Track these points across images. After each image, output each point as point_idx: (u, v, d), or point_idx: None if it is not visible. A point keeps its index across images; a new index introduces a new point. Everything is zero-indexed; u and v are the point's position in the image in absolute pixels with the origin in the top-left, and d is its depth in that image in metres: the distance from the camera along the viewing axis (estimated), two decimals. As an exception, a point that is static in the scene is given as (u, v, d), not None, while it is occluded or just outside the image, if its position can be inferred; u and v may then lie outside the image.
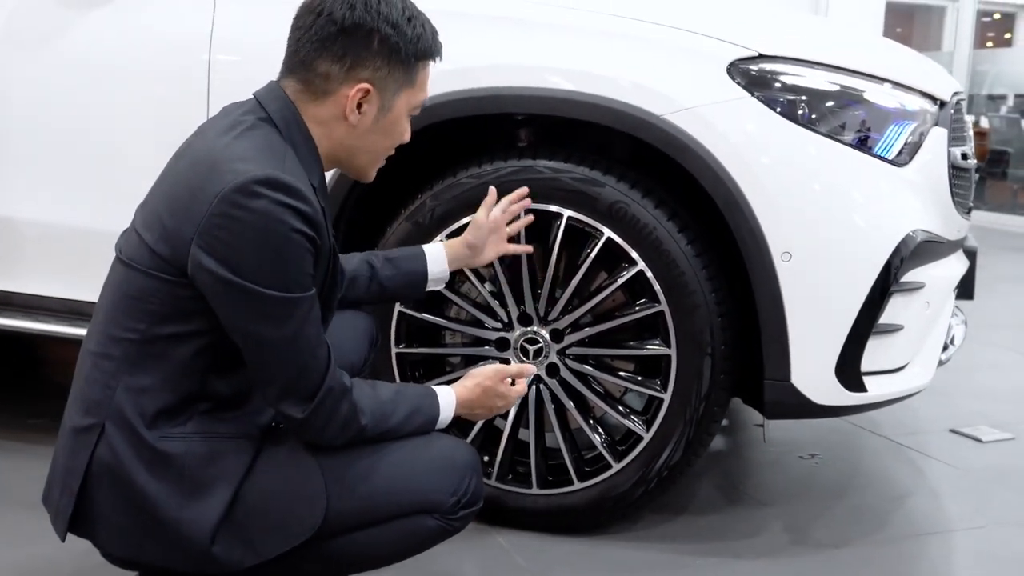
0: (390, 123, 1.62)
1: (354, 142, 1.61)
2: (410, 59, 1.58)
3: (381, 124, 1.61)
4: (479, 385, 1.76)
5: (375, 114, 1.59)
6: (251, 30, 2.30)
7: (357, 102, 1.56)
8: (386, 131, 1.63)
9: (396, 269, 1.98)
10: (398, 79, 1.58)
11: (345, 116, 1.57)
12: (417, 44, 1.58)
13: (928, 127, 2.22)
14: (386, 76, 1.57)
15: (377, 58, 1.55)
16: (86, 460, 1.53)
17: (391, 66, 1.56)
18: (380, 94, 1.58)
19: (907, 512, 2.58)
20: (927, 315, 2.30)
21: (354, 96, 1.56)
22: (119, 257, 1.59)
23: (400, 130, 1.65)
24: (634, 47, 2.14)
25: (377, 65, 1.55)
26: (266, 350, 1.49)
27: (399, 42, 1.55)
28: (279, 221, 1.44)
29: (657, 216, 2.12)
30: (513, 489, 2.27)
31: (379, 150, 1.66)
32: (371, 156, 1.66)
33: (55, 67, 2.41)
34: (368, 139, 1.62)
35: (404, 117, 1.64)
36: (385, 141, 1.65)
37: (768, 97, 2.09)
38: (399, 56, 1.56)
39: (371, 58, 1.55)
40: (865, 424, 3.17)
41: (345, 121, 1.58)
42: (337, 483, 1.57)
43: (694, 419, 2.17)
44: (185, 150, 1.60)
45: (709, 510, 2.52)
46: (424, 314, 2.25)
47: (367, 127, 1.60)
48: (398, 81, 1.58)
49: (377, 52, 1.55)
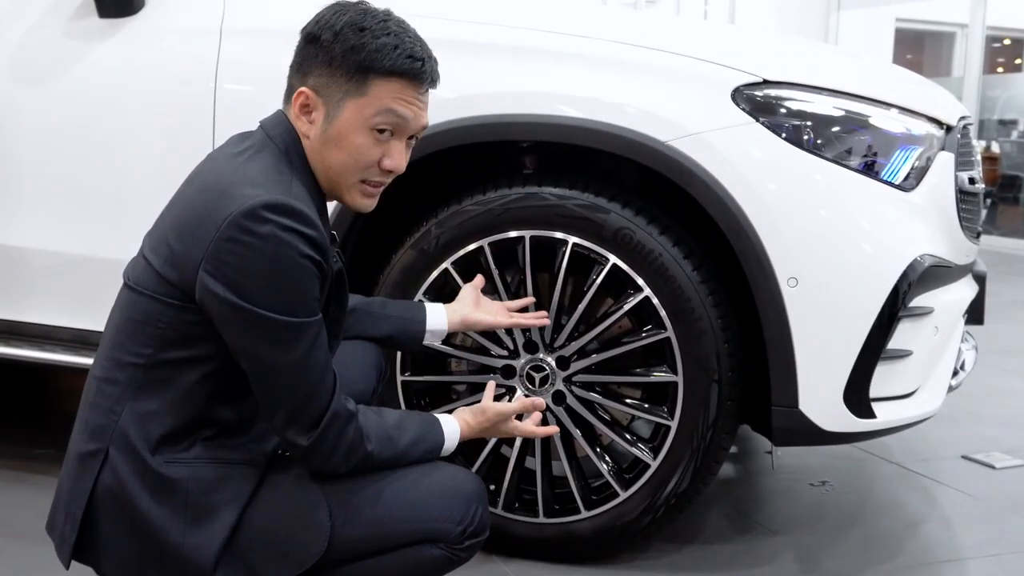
0: (338, 133, 1.56)
1: (318, 156, 1.58)
2: (351, 67, 1.54)
3: (329, 133, 1.56)
4: (482, 427, 1.77)
5: (321, 122, 1.57)
6: (256, 60, 2.31)
7: (300, 105, 1.57)
8: (338, 142, 1.56)
9: (395, 312, 1.99)
10: (341, 87, 1.55)
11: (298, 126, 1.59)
12: (359, 52, 1.54)
13: (935, 152, 2.21)
14: (327, 83, 1.55)
15: (320, 65, 1.56)
16: (90, 486, 1.53)
17: (331, 72, 1.55)
18: (324, 101, 1.56)
19: (920, 540, 2.55)
20: (936, 340, 2.28)
21: (296, 99, 1.57)
22: (126, 283, 1.60)
23: (358, 145, 1.57)
24: (638, 74, 2.14)
25: (319, 72, 1.56)
26: (272, 375, 1.49)
27: (336, 47, 1.54)
28: (287, 246, 1.44)
29: (663, 242, 2.11)
30: (519, 518, 2.25)
31: (340, 167, 1.58)
32: (337, 174, 1.59)
33: (61, 98, 2.43)
34: (325, 152, 1.58)
35: (360, 131, 1.57)
36: (342, 155, 1.57)
37: (773, 123, 2.09)
38: (337, 62, 1.54)
39: (316, 65, 1.56)
40: (876, 451, 3.14)
41: (300, 133, 1.58)
42: (342, 511, 1.56)
43: (701, 446, 2.15)
44: (195, 176, 1.61)
45: (718, 539, 2.49)
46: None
47: (318, 136, 1.57)
48: (342, 89, 1.55)
49: (320, 60, 1.56)
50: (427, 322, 1.99)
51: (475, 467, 2.22)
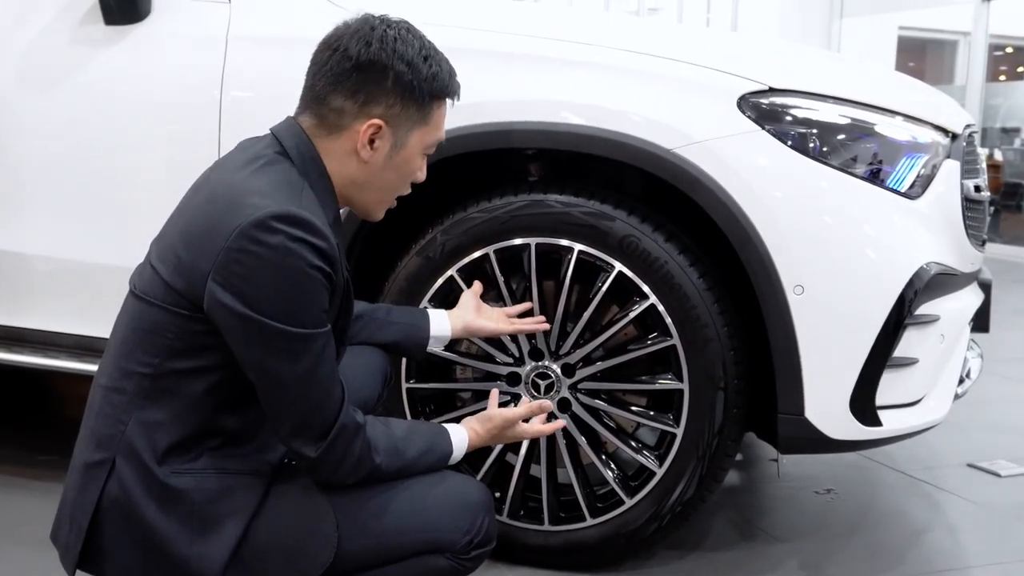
0: (402, 160, 1.62)
1: (366, 178, 1.62)
2: (424, 97, 1.58)
3: (394, 161, 1.61)
4: (490, 434, 1.79)
5: (387, 151, 1.59)
6: (262, 68, 2.31)
7: (369, 138, 1.57)
8: (398, 168, 1.63)
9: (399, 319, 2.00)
10: (411, 117, 1.59)
11: (357, 152, 1.58)
12: (432, 83, 1.58)
13: (940, 160, 2.21)
14: (399, 113, 1.57)
15: (390, 95, 1.56)
16: (96, 495, 1.52)
17: (404, 104, 1.57)
18: (393, 131, 1.58)
19: (924, 549, 2.54)
20: (942, 348, 2.28)
21: (366, 132, 1.56)
22: (133, 291, 1.59)
23: (413, 168, 1.65)
24: (644, 82, 2.14)
25: (390, 102, 1.56)
26: (280, 387, 1.49)
27: (413, 80, 1.56)
28: (296, 257, 1.44)
29: (668, 250, 2.11)
30: (524, 525, 2.25)
31: (390, 188, 1.66)
32: (382, 194, 1.67)
33: (66, 104, 2.42)
34: (380, 176, 1.62)
35: (418, 156, 1.64)
36: (397, 179, 1.65)
37: (779, 130, 2.09)
38: (412, 94, 1.57)
39: (384, 95, 1.56)
40: (881, 459, 3.14)
41: (357, 157, 1.58)
42: (349, 521, 1.56)
43: (707, 454, 2.15)
44: (202, 184, 1.61)
45: (723, 546, 2.49)
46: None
47: (379, 164, 1.60)
48: (411, 119, 1.59)
49: (391, 89, 1.56)
50: (431, 328, 1.99)
51: (480, 474, 2.22)
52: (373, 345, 1.97)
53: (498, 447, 2.22)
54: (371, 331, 1.96)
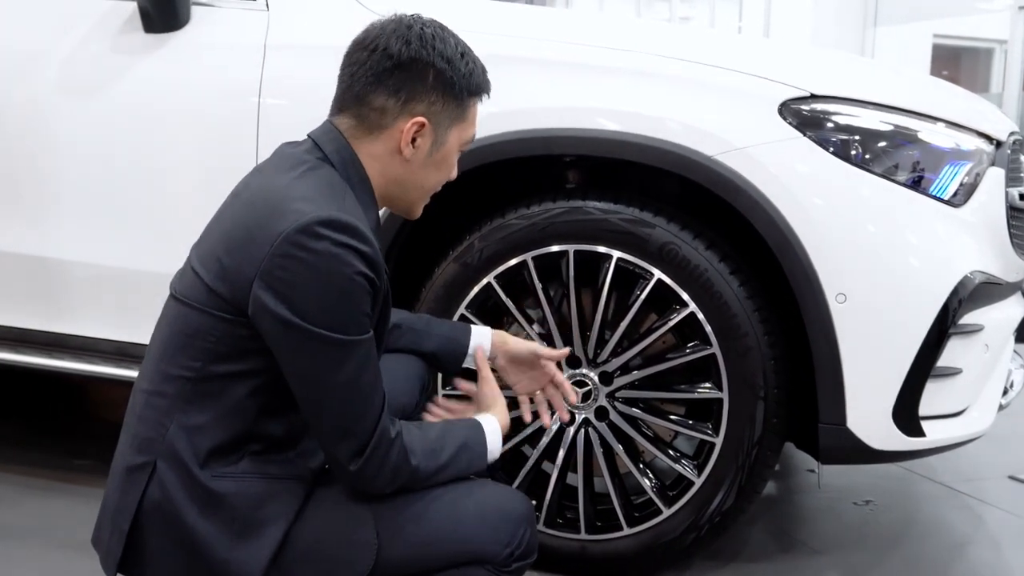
0: (442, 157, 1.63)
1: (408, 177, 1.62)
2: (463, 94, 1.60)
3: (434, 158, 1.62)
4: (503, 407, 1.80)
5: (428, 148, 1.60)
6: (300, 75, 2.31)
7: (412, 136, 1.57)
8: (438, 165, 1.64)
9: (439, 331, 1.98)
10: (451, 114, 1.60)
11: (400, 150, 1.58)
12: (469, 79, 1.60)
13: (984, 167, 2.18)
14: (440, 111, 1.58)
15: (432, 92, 1.57)
16: (137, 499, 1.52)
17: (445, 100, 1.58)
18: (434, 128, 1.59)
19: (967, 562, 2.50)
20: (986, 358, 2.25)
21: (409, 130, 1.57)
22: (174, 295, 1.60)
23: (450, 164, 1.67)
24: (684, 88, 2.13)
25: (432, 99, 1.57)
26: (321, 392, 1.48)
27: (453, 77, 1.57)
28: (342, 263, 1.44)
29: (708, 258, 2.09)
30: (561, 534, 2.23)
31: (430, 185, 1.67)
32: (422, 191, 1.68)
33: (106, 111, 2.43)
34: (420, 174, 1.63)
35: (455, 152, 1.66)
36: (436, 176, 1.66)
37: (821, 137, 2.06)
38: (453, 91, 1.58)
39: (426, 92, 1.56)
40: (921, 470, 3.09)
41: (399, 155, 1.59)
42: (389, 530, 1.55)
43: (746, 464, 2.12)
44: (243, 189, 1.61)
45: (762, 557, 2.46)
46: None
47: (420, 161, 1.61)
48: (451, 116, 1.60)
49: (432, 87, 1.56)
50: (471, 344, 1.97)
51: (516, 483, 2.21)
52: (411, 353, 1.96)
53: (534, 456, 2.20)
54: (409, 340, 1.95)
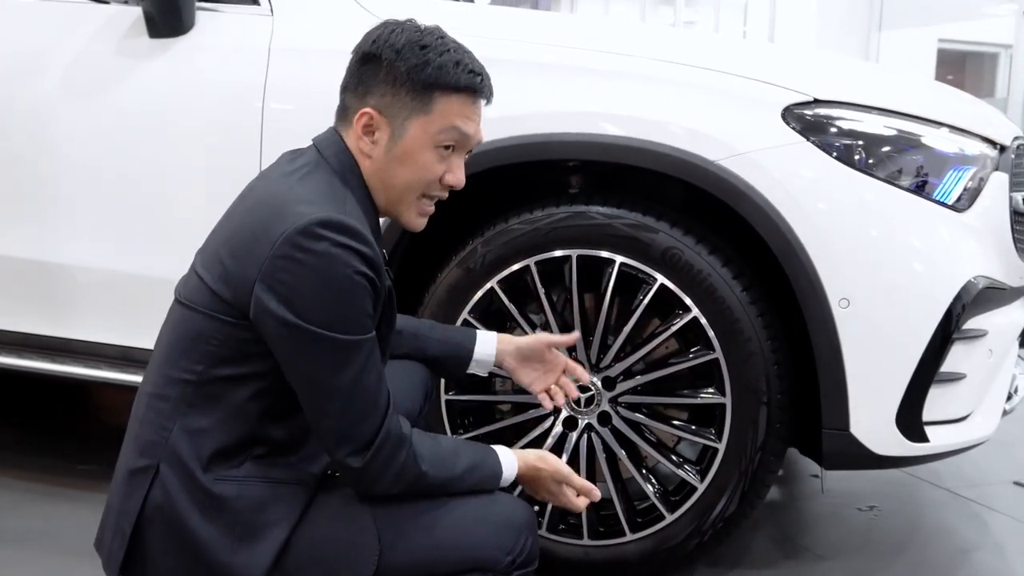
0: (405, 152, 1.58)
1: (375, 173, 1.60)
2: (416, 85, 1.55)
3: (395, 153, 1.58)
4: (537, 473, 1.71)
5: (386, 142, 1.58)
6: (305, 79, 2.32)
7: (363, 128, 1.58)
8: (403, 160, 1.58)
9: (443, 336, 1.98)
10: (407, 105, 1.56)
11: (358, 145, 1.59)
12: (424, 70, 1.55)
13: (988, 172, 2.18)
14: (391, 102, 1.57)
15: (383, 84, 1.57)
16: (140, 502, 1.52)
17: (395, 91, 1.56)
18: (389, 120, 1.57)
19: (971, 568, 2.50)
20: (990, 363, 2.24)
21: (358, 120, 1.57)
22: (178, 299, 1.60)
23: (424, 162, 1.59)
24: (687, 92, 2.13)
25: (383, 91, 1.57)
26: (324, 395, 1.48)
27: (400, 66, 1.55)
28: (341, 263, 1.44)
29: (711, 262, 2.09)
30: (563, 540, 2.23)
31: (405, 185, 1.60)
32: (396, 192, 1.61)
33: (110, 116, 2.44)
34: (386, 171, 1.59)
35: (427, 148, 1.59)
36: (410, 175, 1.59)
37: (824, 142, 2.06)
38: (401, 81, 1.56)
39: (377, 84, 1.57)
40: (925, 476, 3.09)
41: (361, 152, 1.59)
42: (391, 535, 1.55)
43: (749, 469, 2.12)
44: (247, 193, 1.62)
45: (764, 563, 2.45)
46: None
47: (382, 156, 1.59)
48: (408, 108, 1.56)
49: (383, 79, 1.57)
50: (475, 350, 1.97)
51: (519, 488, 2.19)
52: (415, 359, 1.96)
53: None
54: (412, 345, 1.95)
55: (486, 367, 1.98)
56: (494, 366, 1.98)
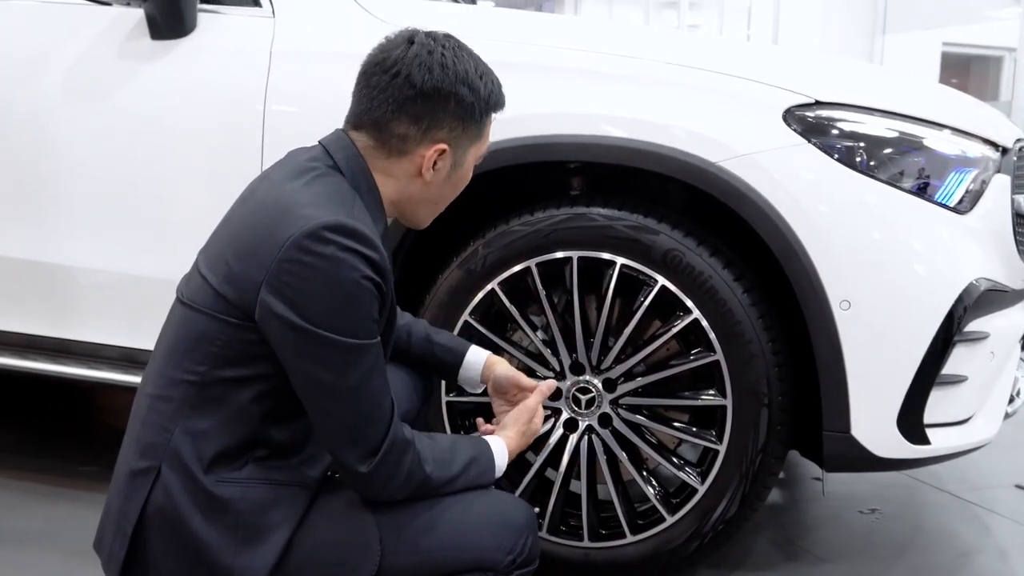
0: (460, 177, 1.66)
1: (426, 196, 1.65)
2: (482, 116, 1.61)
3: (452, 179, 1.65)
4: (520, 433, 1.79)
5: (448, 171, 1.62)
6: (306, 82, 2.32)
7: (433, 161, 1.59)
8: (455, 184, 1.67)
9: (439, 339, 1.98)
10: (471, 136, 1.62)
11: (420, 174, 1.60)
12: (488, 100, 1.61)
13: (990, 174, 2.17)
14: (460, 135, 1.60)
15: (453, 119, 1.58)
16: (141, 504, 1.52)
17: (465, 125, 1.60)
18: (454, 152, 1.61)
19: (973, 571, 2.49)
20: (992, 366, 2.24)
21: (430, 156, 1.58)
22: (180, 299, 1.60)
23: (467, 180, 1.69)
24: (688, 94, 2.13)
25: (453, 125, 1.58)
26: (331, 400, 1.48)
27: (474, 103, 1.59)
28: (349, 267, 1.44)
29: (712, 264, 2.09)
30: (564, 541, 2.22)
31: (444, 201, 1.70)
32: (435, 208, 1.71)
33: (112, 117, 2.44)
34: (437, 193, 1.66)
35: (471, 169, 1.69)
36: (453, 193, 1.70)
37: (825, 144, 2.06)
38: (473, 115, 1.60)
39: (447, 119, 1.58)
40: (927, 479, 3.08)
41: (419, 178, 1.61)
42: (392, 536, 1.55)
43: (750, 472, 2.12)
44: (250, 194, 1.62)
45: (765, 566, 2.45)
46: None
47: (439, 183, 1.63)
48: (471, 138, 1.62)
49: (453, 113, 1.58)
50: (463, 366, 1.96)
51: (520, 490, 2.20)
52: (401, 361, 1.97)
53: (537, 462, 2.20)
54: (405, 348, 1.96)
55: (471, 383, 1.98)
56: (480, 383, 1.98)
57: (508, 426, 1.80)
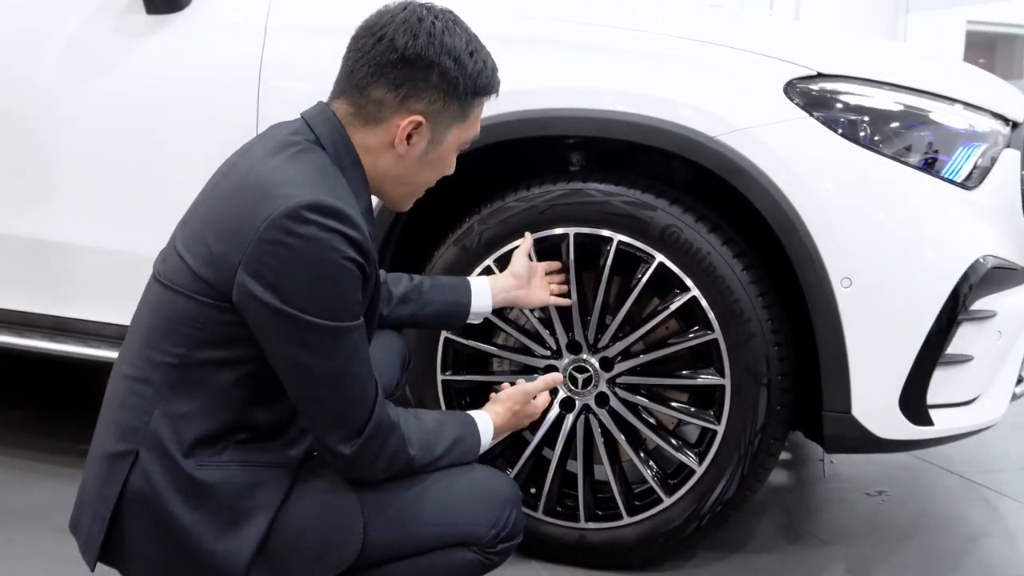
0: (438, 157, 1.59)
1: (399, 172, 1.58)
2: (466, 95, 1.55)
3: (429, 157, 1.58)
4: (510, 411, 1.76)
5: (424, 147, 1.56)
6: (302, 57, 2.29)
7: (407, 133, 1.53)
8: (432, 164, 1.60)
9: (440, 296, 1.97)
10: (452, 114, 1.55)
11: (394, 146, 1.54)
12: (476, 80, 1.55)
13: (999, 149, 2.12)
14: (440, 110, 1.54)
15: (434, 91, 1.52)
16: (119, 488, 1.49)
17: (447, 100, 1.54)
18: (432, 127, 1.55)
19: (981, 554, 2.45)
20: (1000, 346, 2.19)
21: (405, 127, 1.53)
22: (157, 278, 1.56)
23: (447, 164, 1.63)
24: (686, 67, 2.08)
25: (433, 98, 1.53)
26: (313, 382, 1.45)
27: (458, 77, 1.53)
28: (329, 248, 1.40)
29: (711, 241, 2.04)
30: (560, 523, 2.20)
31: (421, 183, 1.64)
32: (412, 188, 1.64)
33: (108, 94, 2.42)
34: (413, 170, 1.60)
35: (453, 151, 1.62)
36: (430, 174, 1.63)
37: (828, 117, 2.01)
38: (456, 91, 1.54)
39: (428, 90, 1.52)
40: (935, 460, 3.03)
41: (393, 150, 1.55)
42: (375, 513, 1.53)
43: (749, 452, 2.08)
44: (229, 170, 1.57)
45: (768, 548, 2.41)
46: (471, 341, 2.20)
47: (414, 159, 1.57)
48: (452, 116, 1.56)
49: (435, 85, 1.52)
50: (472, 304, 1.98)
51: (516, 470, 2.17)
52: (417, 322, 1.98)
53: (534, 442, 2.17)
54: (408, 310, 1.94)
55: (483, 316, 2.03)
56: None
57: (500, 401, 1.78)
